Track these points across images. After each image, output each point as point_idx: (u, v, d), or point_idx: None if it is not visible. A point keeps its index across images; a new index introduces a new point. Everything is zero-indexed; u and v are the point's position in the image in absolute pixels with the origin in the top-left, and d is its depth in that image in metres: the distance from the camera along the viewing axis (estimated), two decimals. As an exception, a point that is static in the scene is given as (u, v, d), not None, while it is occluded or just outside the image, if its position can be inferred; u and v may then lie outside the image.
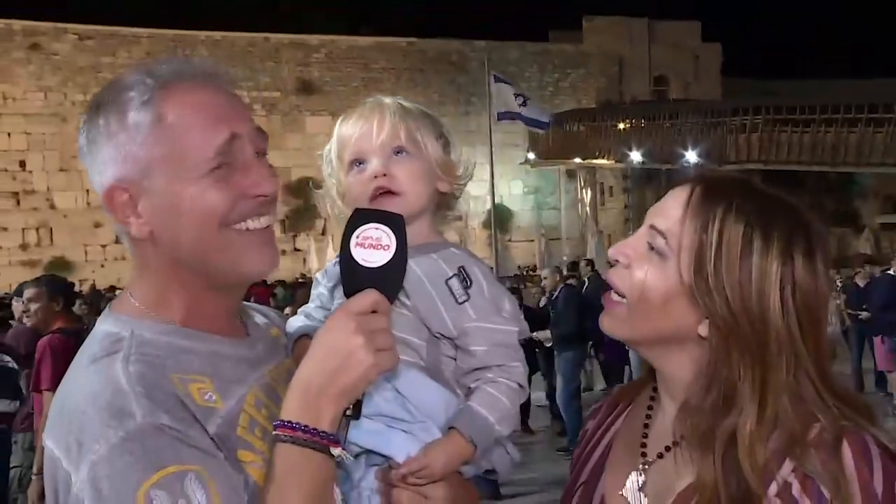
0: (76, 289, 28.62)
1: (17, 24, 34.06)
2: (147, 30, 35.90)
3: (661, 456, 1.31)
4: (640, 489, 1.31)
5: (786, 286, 1.22)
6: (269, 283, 18.97)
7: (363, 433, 1.35)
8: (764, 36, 68.33)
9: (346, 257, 1.23)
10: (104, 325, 1.29)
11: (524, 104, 27.46)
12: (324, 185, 1.58)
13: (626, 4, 43.83)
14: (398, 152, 1.48)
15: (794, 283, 1.22)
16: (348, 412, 1.20)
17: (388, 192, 1.46)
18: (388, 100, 1.53)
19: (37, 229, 34.16)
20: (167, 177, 1.25)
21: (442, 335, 1.43)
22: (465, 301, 1.42)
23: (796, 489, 1.16)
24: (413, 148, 1.49)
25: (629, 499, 1.31)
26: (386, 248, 1.22)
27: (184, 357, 1.24)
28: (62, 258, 33.84)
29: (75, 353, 1.29)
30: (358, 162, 1.50)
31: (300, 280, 25.38)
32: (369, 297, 1.19)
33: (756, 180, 1.34)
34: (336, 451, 1.16)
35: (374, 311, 1.19)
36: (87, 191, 34.60)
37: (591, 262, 14.67)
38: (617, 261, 1.32)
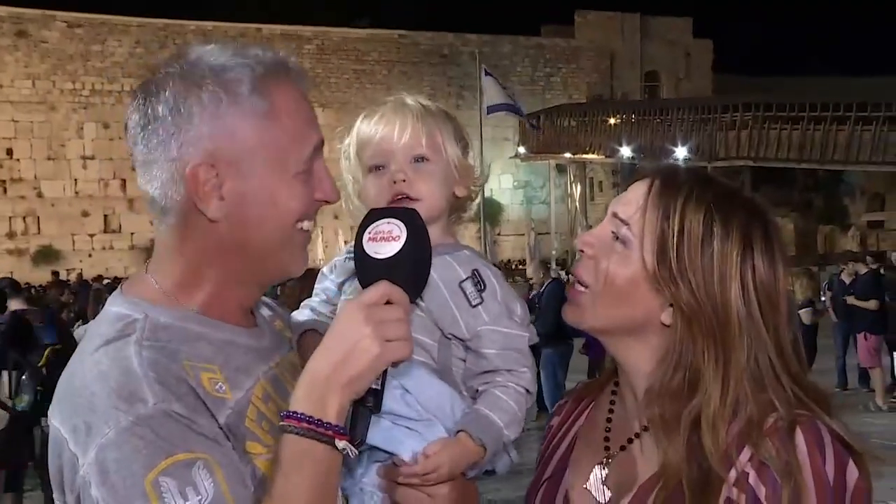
0: (63, 278, 28.50)
1: (4, 10, 33.83)
2: (137, 19, 35.73)
3: (623, 448, 1.33)
4: (603, 482, 1.32)
5: (746, 272, 1.25)
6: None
7: (370, 430, 1.33)
8: (755, 33, 68.47)
9: (359, 253, 1.24)
10: (115, 307, 1.28)
11: (511, 98, 27.58)
12: (341, 180, 1.57)
13: (619, -1, 43.85)
14: (419, 160, 1.48)
15: (753, 269, 1.25)
16: (369, 404, 1.18)
17: (407, 199, 1.46)
18: (410, 101, 1.52)
19: (24, 218, 33.98)
20: (268, 167, 1.25)
21: (454, 336, 1.43)
22: (478, 304, 1.42)
23: (752, 477, 1.18)
24: (433, 154, 1.49)
25: (593, 492, 1.33)
26: (396, 238, 1.22)
27: (196, 344, 1.24)
28: (49, 247, 33.67)
29: None
30: (378, 166, 1.49)
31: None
32: (380, 289, 1.19)
33: (713, 174, 1.39)
34: (341, 443, 1.15)
35: (388, 303, 1.19)
36: (76, 180, 34.49)
37: None
38: (582, 251, 1.34)
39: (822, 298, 13.30)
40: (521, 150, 39.44)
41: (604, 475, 1.33)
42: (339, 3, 40.39)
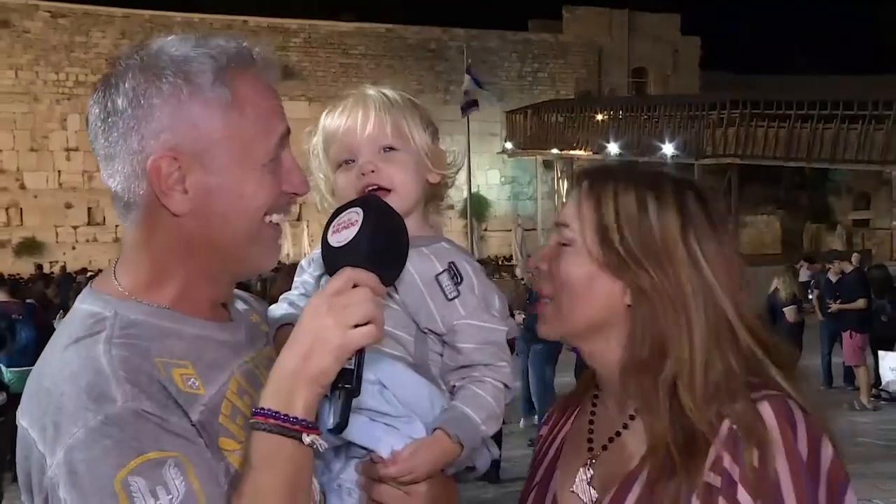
0: (46, 270, 28.37)
1: (-12, 0, 33.52)
2: (122, 10, 35.49)
3: (605, 448, 1.34)
4: (588, 482, 1.34)
5: (688, 236, 1.28)
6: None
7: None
8: (743, 30, 68.72)
9: (324, 247, 1.24)
10: (85, 304, 1.26)
11: (479, 86, 27.61)
12: (313, 181, 1.55)
13: (607, -5, 43.88)
14: (387, 149, 1.46)
15: (695, 232, 1.29)
16: (348, 385, 1.17)
17: (379, 189, 1.45)
18: (371, 91, 1.50)
19: (6, 209, 33.73)
20: (232, 159, 1.22)
21: (430, 331, 1.42)
22: (455, 297, 1.41)
23: (728, 461, 1.19)
24: (400, 142, 1.47)
25: (579, 493, 1.34)
26: (354, 223, 1.22)
27: (168, 340, 1.22)
28: (32, 239, 33.43)
29: None
30: (346, 160, 1.48)
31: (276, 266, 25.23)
32: (342, 276, 1.19)
33: (637, 163, 1.43)
34: (308, 437, 1.15)
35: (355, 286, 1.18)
36: (59, 171, 34.25)
37: None
38: (538, 269, 1.37)
39: (810, 297, 13.38)
40: (509, 145, 39.43)
41: (589, 476, 1.34)
42: (326, -4, 40.23)
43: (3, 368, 7.86)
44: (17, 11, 33.98)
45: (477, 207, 35.18)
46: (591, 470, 1.35)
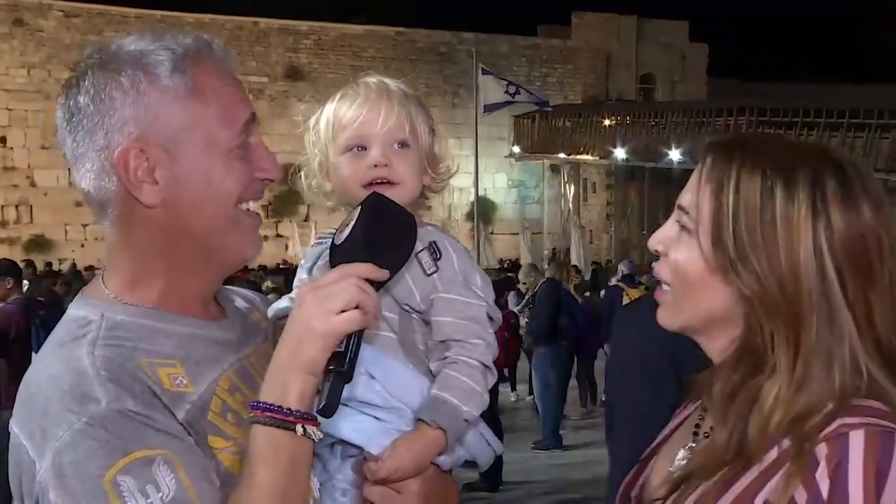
0: (55, 268, 28.43)
1: (1, -1, 33.64)
2: (135, 10, 35.54)
3: (707, 435, 1.29)
4: (683, 465, 1.30)
5: (819, 235, 1.11)
6: (249, 267, 18.87)
7: (335, 421, 1.32)
8: (751, 38, 68.58)
9: (331, 246, 1.26)
10: (73, 310, 1.26)
11: (517, 92, 27.47)
12: (304, 156, 1.54)
13: (615, 1, 43.89)
14: (401, 145, 1.47)
15: (829, 229, 1.11)
16: (341, 369, 1.17)
17: (387, 182, 1.45)
18: (392, 85, 1.49)
19: (16, 206, 33.79)
20: (198, 147, 1.23)
21: (411, 308, 1.41)
22: (433, 273, 1.40)
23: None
24: (413, 140, 1.48)
25: (673, 473, 1.30)
26: (353, 220, 1.25)
27: (156, 340, 1.22)
28: (42, 236, 33.49)
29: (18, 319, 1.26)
30: (357, 147, 1.47)
31: (281, 266, 25.26)
32: (334, 271, 1.20)
33: (776, 134, 1.28)
34: (301, 428, 1.15)
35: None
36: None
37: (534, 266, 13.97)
38: (657, 251, 1.28)
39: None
40: (516, 149, 39.38)
41: (686, 458, 1.30)
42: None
43: None
44: (30, 10, 34.06)
45: (484, 210, 35.11)
46: (688, 453, 1.30)
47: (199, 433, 1.19)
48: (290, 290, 1.56)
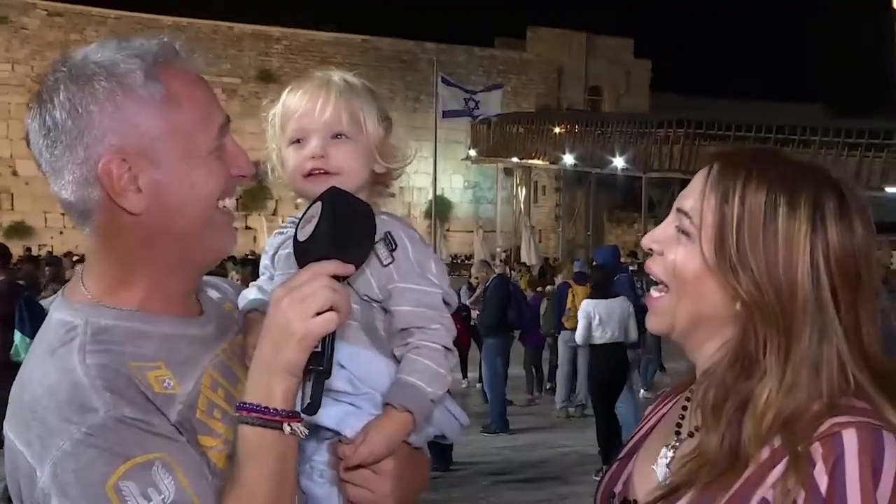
0: (34, 253, 27.91)
1: (-14, -4, 32.87)
2: (115, 11, 34.97)
3: (691, 435, 1.25)
4: (668, 464, 1.26)
5: (816, 247, 1.10)
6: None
7: None
8: (691, 56, 69.47)
9: (294, 243, 1.22)
10: (57, 314, 1.21)
11: (476, 107, 27.57)
12: (267, 149, 1.50)
13: (568, 18, 44.26)
14: (338, 136, 1.43)
15: (826, 245, 1.10)
16: (320, 367, 1.16)
17: (324, 173, 1.42)
18: (335, 77, 1.46)
19: (-2, 194, 33.13)
20: (178, 152, 1.19)
21: (370, 298, 1.38)
22: (389, 263, 1.37)
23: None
24: (353, 131, 1.43)
25: (657, 472, 1.27)
26: (315, 216, 1.21)
27: (139, 342, 1.18)
28: (22, 223, 32.85)
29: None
30: (298, 139, 1.44)
31: (249, 257, 25.05)
32: (305, 271, 1.17)
33: (780, 149, 1.23)
34: (288, 426, 1.13)
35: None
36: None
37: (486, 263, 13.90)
38: (651, 250, 1.24)
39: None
40: (472, 152, 39.52)
41: (668, 457, 1.25)
42: (307, 5, 39.99)
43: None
44: (15, 8, 33.36)
45: (441, 209, 35.22)
46: (671, 452, 1.26)
47: (189, 432, 1.16)
48: (256, 277, 1.54)
